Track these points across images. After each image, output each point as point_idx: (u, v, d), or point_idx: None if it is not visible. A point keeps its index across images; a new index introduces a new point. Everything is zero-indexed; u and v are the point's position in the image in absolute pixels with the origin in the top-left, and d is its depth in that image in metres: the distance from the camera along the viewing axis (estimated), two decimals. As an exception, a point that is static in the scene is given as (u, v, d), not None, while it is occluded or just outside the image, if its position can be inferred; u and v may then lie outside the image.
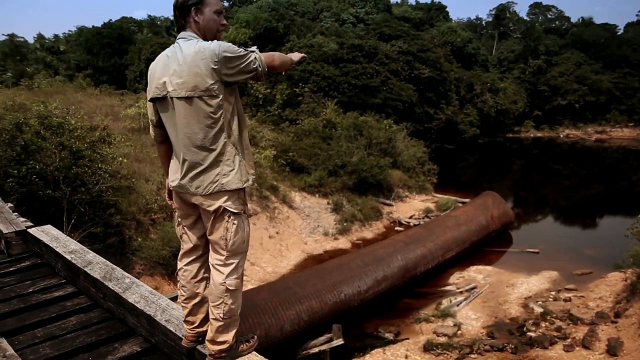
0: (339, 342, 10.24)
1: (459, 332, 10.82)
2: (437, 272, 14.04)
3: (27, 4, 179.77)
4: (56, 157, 10.13)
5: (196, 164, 2.48)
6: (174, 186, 2.61)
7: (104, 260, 3.72)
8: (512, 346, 10.19)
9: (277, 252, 15.27)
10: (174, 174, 2.61)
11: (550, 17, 68.72)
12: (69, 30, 58.90)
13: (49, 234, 4.35)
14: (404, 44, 35.79)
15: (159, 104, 2.55)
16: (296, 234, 16.54)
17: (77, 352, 2.89)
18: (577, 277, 13.78)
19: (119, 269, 3.53)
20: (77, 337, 3.03)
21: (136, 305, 2.97)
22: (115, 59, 37.59)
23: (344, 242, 16.70)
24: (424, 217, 19.28)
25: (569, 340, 10.28)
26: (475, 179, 30.49)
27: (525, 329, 10.90)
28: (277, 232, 16.05)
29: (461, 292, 12.85)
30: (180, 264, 2.75)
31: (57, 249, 3.94)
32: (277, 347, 9.54)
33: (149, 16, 57.80)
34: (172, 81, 2.43)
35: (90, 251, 3.91)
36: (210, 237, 2.56)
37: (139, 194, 13.23)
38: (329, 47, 34.08)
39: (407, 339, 10.69)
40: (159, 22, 55.49)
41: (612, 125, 51.11)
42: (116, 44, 37.53)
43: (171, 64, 2.45)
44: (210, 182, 2.46)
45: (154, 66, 2.55)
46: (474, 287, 12.99)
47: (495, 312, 11.74)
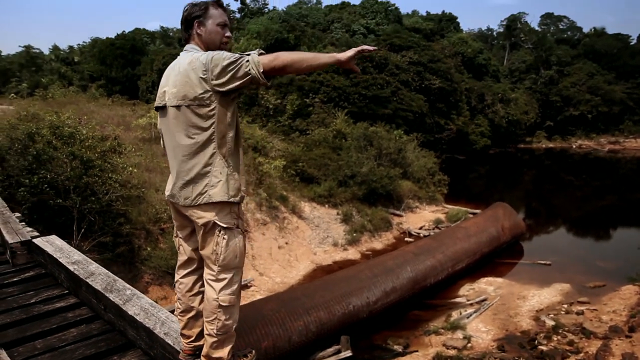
0: (347, 354, 10.13)
1: (469, 345, 10.67)
2: (447, 284, 13.89)
3: (43, 16, 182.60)
4: (67, 167, 10.20)
5: (185, 173, 2.47)
6: (167, 196, 2.62)
7: (106, 271, 3.71)
8: (523, 360, 10.04)
9: (286, 262, 15.22)
10: (169, 184, 2.62)
11: (562, 27, 68.59)
12: (84, 41, 59.54)
13: (53, 245, 4.35)
14: (414, 55, 35.84)
15: (160, 113, 2.59)
16: (305, 244, 16.48)
17: (75, 365, 2.86)
18: (589, 290, 13.55)
19: (120, 280, 3.51)
20: (76, 349, 3.00)
21: (136, 317, 2.94)
22: (128, 69, 38.00)
23: (353, 253, 16.61)
24: (434, 228, 19.15)
25: (582, 354, 10.09)
26: (486, 190, 30.27)
27: (536, 342, 10.72)
28: (286, 243, 16.00)
29: (471, 304, 12.70)
30: (177, 276, 2.74)
31: (60, 260, 3.93)
32: (285, 359, 9.47)
33: (162, 27, 58.42)
34: (169, 91, 2.48)
35: (93, 262, 3.90)
36: (201, 252, 2.54)
37: (149, 204, 13.27)
38: (339, 58, 34.10)
39: (417, 351, 10.56)
40: (171, 34, 56.06)
41: (625, 135, 50.69)
42: (129, 54, 37.96)
43: (171, 74, 2.51)
44: (198, 193, 2.45)
45: (163, 77, 2.62)
46: (485, 299, 12.83)
47: (506, 324, 11.58)
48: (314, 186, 19.47)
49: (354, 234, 17.32)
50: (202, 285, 2.64)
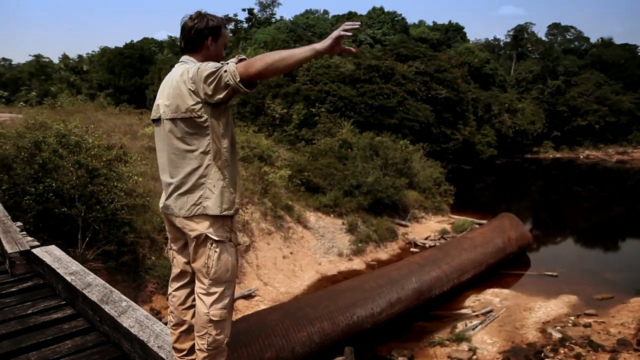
0: (351, 365, 10.06)
1: (474, 357, 10.55)
2: (452, 295, 13.78)
3: (53, 25, 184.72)
4: (73, 175, 10.23)
5: (179, 184, 2.45)
6: (161, 207, 2.60)
7: (103, 282, 3.68)
8: (529, 373, 9.92)
9: (291, 272, 15.16)
10: (163, 195, 2.60)
11: (569, 37, 68.33)
12: (93, 50, 60.11)
13: (52, 255, 4.33)
14: (421, 65, 35.86)
15: (155, 125, 2.58)
16: (310, 254, 16.42)
17: (67, 378, 2.82)
18: (597, 302, 13.40)
19: (117, 292, 3.48)
20: (70, 362, 2.96)
21: (130, 330, 2.91)
22: (136, 78, 38.26)
23: (358, 263, 16.54)
24: (439, 239, 19.04)
25: (589, 368, 9.97)
26: (492, 200, 30.12)
27: (543, 355, 10.59)
28: (291, 252, 15.95)
29: (477, 315, 12.58)
30: (170, 289, 2.72)
31: (58, 270, 3.91)
32: (288, 370, 9.39)
33: (170, 37, 58.80)
34: (163, 103, 2.46)
35: (90, 273, 3.87)
36: (193, 265, 2.51)
37: (154, 213, 13.26)
38: (345, 68, 34.25)
39: (421, 363, 10.47)
40: (179, 43, 56.39)
41: (634, 146, 50.39)
42: (137, 63, 38.25)
43: (165, 87, 2.50)
44: (193, 204, 2.42)
45: (159, 90, 2.60)
46: (490, 311, 12.71)
47: (512, 336, 11.45)
48: (320, 196, 19.43)
49: (359, 244, 17.25)
50: (195, 299, 2.60)
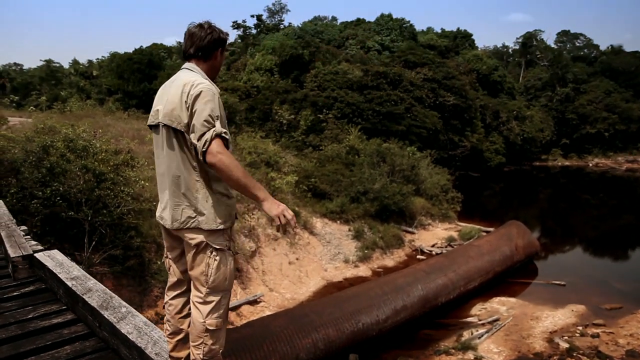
0: (356, 373, 10.01)
1: (480, 366, 10.48)
2: (458, 303, 13.70)
3: (64, 31, 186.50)
4: (80, 180, 10.27)
5: (174, 196, 2.44)
6: (157, 217, 2.59)
7: (104, 288, 3.67)
8: (536, 383, 9.82)
9: (297, 278, 15.14)
10: (159, 204, 2.59)
11: (578, 44, 68.09)
12: (103, 55, 60.52)
13: (54, 259, 4.33)
14: (429, 72, 35.87)
15: (154, 131, 2.55)
16: (316, 260, 16.39)
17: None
18: (606, 312, 13.27)
19: (117, 297, 3.47)
20: (67, 368, 2.95)
21: (128, 336, 2.89)
22: (144, 84, 38.40)
23: (364, 270, 16.49)
24: (446, 246, 18.96)
25: (596, 378, 9.87)
26: (500, 208, 29.98)
27: (549, 365, 10.51)
28: (297, 258, 15.93)
29: (483, 324, 12.50)
30: (166, 298, 2.70)
31: (59, 275, 3.91)
32: (292, 377, 9.36)
33: (178, 42, 59.08)
34: (162, 110, 2.44)
35: (91, 278, 3.87)
36: (190, 273, 2.49)
37: (160, 217, 13.30)
38: (353, 74, 34.32)
39: (426, 371, 10.40)
40: (184, 49, 56.62)
41: (644, 154, 50.04)
42: (146, 69, 38.40)
43: (165, 92, 2.47)
44: (187, 217, 2.41)
45: (157, 94, 2.57)
46: (497, 320, 12.62)
47: (518, 346, 11.36)
48: (326, 202, 19.41)
49: (366, 251, 17.21)
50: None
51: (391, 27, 49.52)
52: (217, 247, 2.41)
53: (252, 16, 58.76)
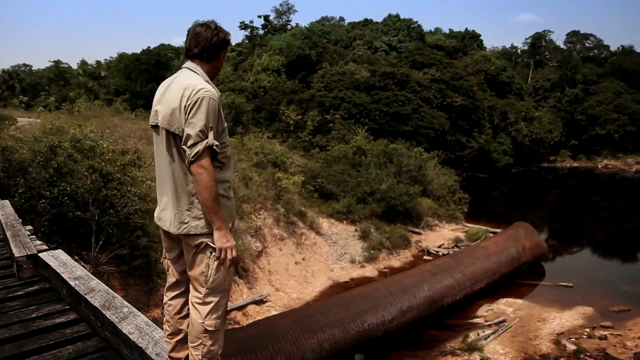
0: (361, 373, 10.00)
1: (486, 367, 10.44)
2: (464, 304, 13.66)
3: (72, 32, 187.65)
4: (87, 180, 10.32)
5: (171, 199, 2.44)
6: (155, 218, 2.59)
7: (106, 288, 3.69)
8: (542, 385, 9.77)
9: (303, 278, 15.15)
10: (158, 206, 2.59)
11: (588, 45, 67.68)
12: (111, 56, 60.82)
13: (58, 259, 4.35)
14: (436, 72, 35.78)
15: (154, 132, 2.53)
16: (322, 260, 16.40)
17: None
18: (613, 314, 13.18)
19: (119, 297, 3.48)
20: (69, 367, 2.96)
21: (129, 336, 2.90)
22: (152, 84, 38.50)
23: (370, 270, 16.47)
24: (453, 247, 18.91)
25: (603, 380, 9.80)
26: (507, 209, 29.85)
27: (556, 367, 10.45)
28: (303, 258, 15.94)
29: (489, 325, 12.45)
30: (165, 298, 2.69)
31: (63, 275, 3.93)
32: (297, 377, 9.36)
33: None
34: (160, 111, 2.42)
35: (94, 278, 3.89)
36: (190, 273, 2.48)
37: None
38: (360, 75, 34.29)
39: (432, 372, 10.37)
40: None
41: (654, 156, 49.59)
42: (154, 69, 38.52)
43: (165, 93, 2.45)
44: (180, 221, 2.41)
45: (156, 93, 2.54)
46: (503, 321, 12.57)
47: (524, 347, 11.30)
48: (333, 202, 19.41)
49: (372, 251, 17.19)
50: None
51: (399, 27, 49.46)
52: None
53: (260, 16, 58.82)
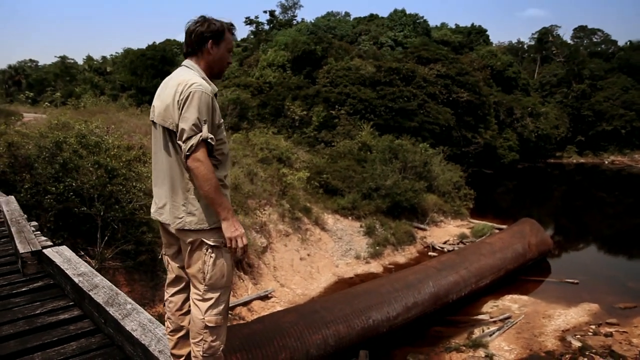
0: (366, 369, 10.01)
1: (491, 364, 10.41)
2: (470, 300, 13.63)
3: (78, 27, 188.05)
4: (92, 175, 10.34)
5: (165, 193, 2.45)
6: (152, 213, 2.59)
7: (110, 284, 3.70)
8: (547, 381, 9.74)
9: (308, 274, 15.16)
10: (153, 202, 2.59)
11: (595, 40, 67.22)
12: (116, 52, 60.90)
13: (62, 255, 4.36)
14: (442, 68, 35.64)
15: (153, 127, 2.55)
16: (327, 256, 16.40)
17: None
18: (619, 311, 13.11)
19: (122, 294, 3.48)
20: (72, 364, 2.97)
21: (133, 333, 2.90)
22: (157, 79, 38.51)
23: (375, 266, 16.46)
24: (458, 243, 18.87)
25: (609, 377, 9.76)
26: (513, 205, 29.74)
27: (561, 363, 10.41)
28: (308, 254, 15.95)
29: (494, 321, 12.42)
30: (166, 295, 2.69)
31: (67, 271, 3.93)
32: (302, 372, 9.37)
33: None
34: (157, 107, 2.45)
35: (98, 274, 3.89)
36: (188, 270, 2.48)
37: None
38: (366, 70, 34.23)
39: (437, 369, 10.36)
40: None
41: (661, 152, 49.33)
42: (159, 65, 38.56)
43: (162, 89, 2.47)
44: (174, 216, 2.41)
45: (158, 89, 2.56)
46: (508, 317, 12.53)
47: (530, 344, 11.27)
48: (338, 198, 19.41)
49: (377, 247, 17.17)
50: None
51: (404, 22, 49.31)
52: (212, 244, 2.39)
53: (265, 12, 59.16)
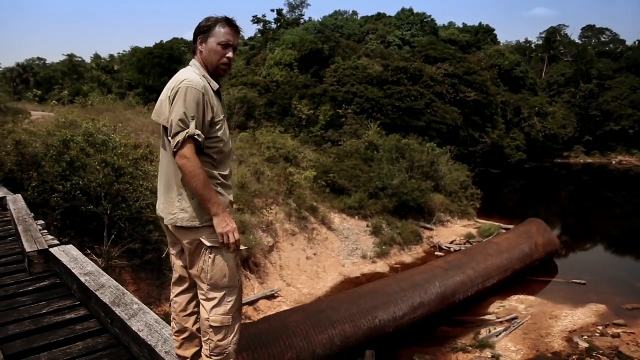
0: (372, 369, 10.01)
1: (498, 364, 10.38)
2: (476, 301, 13.59)
3: (86, 26, 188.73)
4: (99, 174, 10.37)
5: (165, 192, 2.46)
6: (157, 211, 2.60)
7: (117, 284, 3.69)
8: (554, 383, 9.70)
9: (314, 273, 15.16)
10: (158, 199, 2.60)
11: (604, 40, 66.84)
12: (124, 50, 61.07)
13: (69, 255, 4.35)
14: (450, 67, 35.55)
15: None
16: (334, 255, 16.40)
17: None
18: (627, 312, 13.03)
19: (129, 294, 3.47)
20: (79, 364, 2.96)
21: (139, 333, 2.89)
22: (165, 78, 38.56)
23: (382, 266, 16.44)
24: (465, 243, 18.82)
25: (616, 379, 9.71)
26: (520, 205, 29.62)
27: (568, 365, 10.37)
28: (314, 254, 15.95)
29: (501, 322, 12.38)
30: (172, 295, 2.69)
31: (73, 270, 3.93)
32: (308, 372, 9.38)
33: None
34: (156, 106, 2.48)
35: (105, 274, 3.88)
36: (190, 271, 2.49)
37: (179, 211, 13.38)
38: (373, 69, 34.18)
39: (443, 369, 10.35)
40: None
41: (669, 152, 48.98)
42: (166, 63, 38.59)
43: (166, 87, 2.49)
44: (168, 212, 2.42)
45: None
46: (515, 318, 12.49)
47: (536, 345, 11.23)
48: (345, 197, 19.40)
49: (384, 247, 17.15)
50: (197, 306, 2.58)
51: (412, 21, 49.19)
52: (210, 244, 2.38)
53: (273, 11, 59.07)
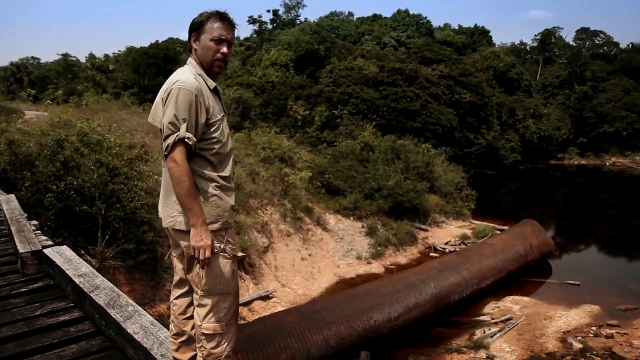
0: (367, 369, 10.01)
1: (492, 365, 10.41)
2: (471, 301, 13.62)
3: (81, 25, 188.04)
4: (93, 174, 10.32)
5: (164, 194, 2.43)
6: (159, 214, 2.57)
7: (111, 285, 3.63)
8: (548, 383, 9.74)
9: (309, 274, 15.15)
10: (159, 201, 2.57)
11: (598, 42, 67.18)
12: (119, 50, 60.87)
13: (63, 255, 4.29)
14: (445, 68, 35.63)
15: None
16: (329, 256, 16.40)
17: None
18: (620, 313, 13.10)
19: (124, 296, 3.42)
20: (72, 367, 2.92)
21: (134, 336, 2.84)
22: (160, 78, 38.42)
23: (377, 267, 16.45)
24: (460, 244, 18.87)
25: (610, 380, 9.75)
26: (515, 206, 29.72)
27: (562, 365, 10.41)
28: (309, 254, 15.95)
29: (496, 322, 12.41)
30: (171, 297, 2.66)
31: (67, 272, 3.87)
32: (303, 373, 9.37)
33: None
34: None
35: (99, 275, 3.83)
36: (187, 275, 2.46)
37: (174, 212, 13.33)
38: (369, 70, 34.22)
39: (438, 370, 10.36)
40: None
41: (663, 154, 49.28)
42: (162, 63, 38.46)
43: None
44: (167, 215, 2.39)
45: None
46: (510, 318, 12.53)
47: (531, 345, 11.26)
48: (340, 198, 19.40)
49: (379, 248, 17.17)
50: None
51: (408, 23, 49.26)
52: None
53: (268, 11, 59.01)
